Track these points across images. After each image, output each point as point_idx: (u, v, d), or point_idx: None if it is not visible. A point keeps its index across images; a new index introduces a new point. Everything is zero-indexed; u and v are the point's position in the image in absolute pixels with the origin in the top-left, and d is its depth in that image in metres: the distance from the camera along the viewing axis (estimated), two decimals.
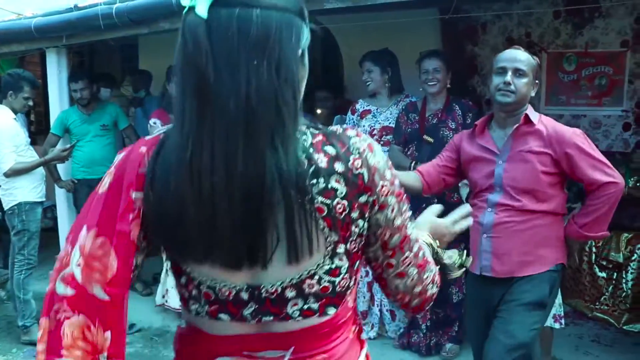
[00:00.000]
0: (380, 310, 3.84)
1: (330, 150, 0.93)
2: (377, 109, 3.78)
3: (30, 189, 4.06)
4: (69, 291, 0.92)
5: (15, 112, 4.13)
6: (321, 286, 0.97)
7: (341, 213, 0.93)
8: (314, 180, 0.91)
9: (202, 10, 0.87)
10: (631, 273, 3.91)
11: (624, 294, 4.03)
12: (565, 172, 2.35)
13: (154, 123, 4.15)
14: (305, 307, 0.97)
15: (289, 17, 0.91)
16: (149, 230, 0.95)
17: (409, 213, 1.05)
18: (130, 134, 4.93)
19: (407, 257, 1.05)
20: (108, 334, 0.92)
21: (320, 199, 0.91)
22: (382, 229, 1.00)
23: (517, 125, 2.38)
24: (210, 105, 0.87)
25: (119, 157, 0.98)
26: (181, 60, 0.90)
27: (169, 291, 4.24)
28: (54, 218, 5.37)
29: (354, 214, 0.95)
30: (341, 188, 0.92)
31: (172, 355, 1.10)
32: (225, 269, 0.93)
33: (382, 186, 0.97)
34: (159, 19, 4.00)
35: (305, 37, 0.96)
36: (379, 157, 0.98)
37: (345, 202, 0.93)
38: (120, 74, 6.79)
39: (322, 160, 0.92)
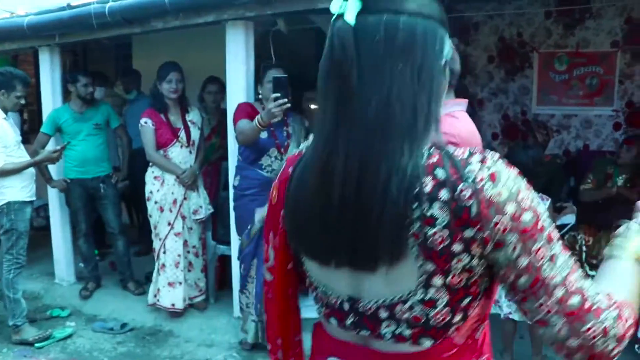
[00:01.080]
0: None
1: (440, 174, 0.87)
2: None
3: (19, 189, 4.05)
4: (272, 277, 1.16)
5: (6, 110, 4.11)
6: (412, 315, 0.93)
7: (439, 244, 0.87)
8: (415, 204, 0.87)
9: (351, 17, 0.89)
10: None
11: None
12: None
13: (145, 122, 4.14)
14: (397, 331, 0.95)
15: (433, 25, 0.92)
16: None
17: (552, 251, 0.90)
18: (122, 133, 4.92)
19: (543, 304, 0.90)
20: None
21: (418, 224, 0.87)
22: (504, 270, 0.91)
23: None
24: (350, 109, 0.89)
25: (282, 170, 1.10)
26: (326, 66, 0.93)
27: (160, 290, 4.24)
28: (47, 217, 5.36)
29: (456, 247, 0.88)
30: (442, 217, 0.87)
31: (164, 355, 1.15)
32: (332, 275, 0.98)
33: (498, 222, 0.87)
34: (152, 18, 4.00)
35: (448, 47, 0.95)
36: (502, 187, 0.87)
37: (445, 232, 0.87)
38: (114, 73, 6.77)
39: (427, 184, 0.87)
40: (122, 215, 5.15)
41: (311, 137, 1.01)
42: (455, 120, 1.95)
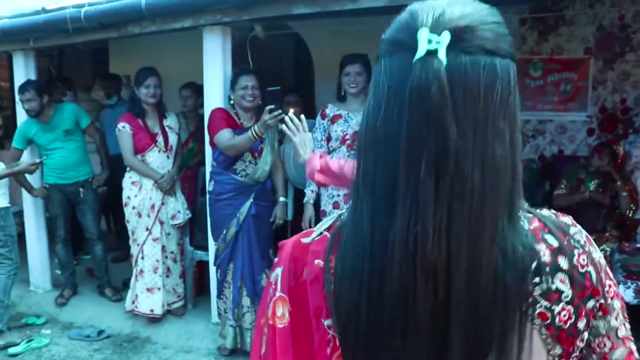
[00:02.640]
0: None
1: (552, 240, 0.75)
2: (347, 114, 3.81)
3: (1, 195, 4.04)
4: None
5: None
6: None
7: (566, 322, 0.75)
8: (537, 279, 0.73)
9: (443, 55, 0.68)
10: None
11: None
12: None
13: (123, 127, 4.12)
14: None
15: (514, 67, 0.75)
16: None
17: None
18: (93, 132, 4.84)
19: None
20: None
21: (543, 302, 0.73)
22: (600, 339, 0.79)
23: None
24: (449, 180, 0.68)
25: (280, 275, 0.80)
26: (410, 117, 0.68)
27: (138, 296, 4.21)
28: (22, 223, 5.28)
29: (581, 324, 0.76)
30: (567, 290, 0.74)
31: None
32: None
33: (610, 286, 0.79)
34: (128, 23, 3.98)
35: None
36: (598, 251, 0.80)
37: (571, 308, 0.75)
38: (91, 78, 6.72)
39: (544, 254, 0.74)
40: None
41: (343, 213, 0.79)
42: None
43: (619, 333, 0.80)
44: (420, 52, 0.67)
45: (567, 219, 0.80)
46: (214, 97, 3.89)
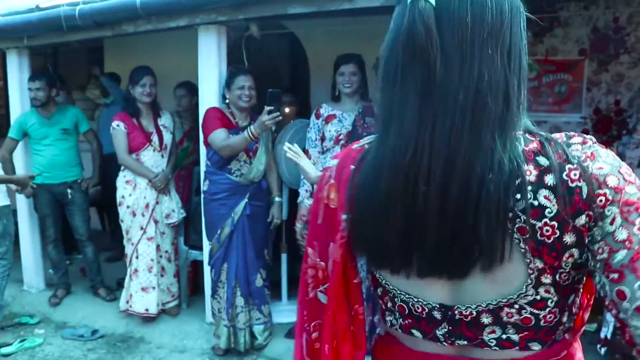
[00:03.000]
0: None
1: (543, 161, 0.81)
2: (342, 114, 3.81)
3: (1, 193, 4.04)
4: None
5: None
6: (522, 317, 0.86)
7: (549, 237, 0.80)
8: (518, 195, 0.80)
9: None
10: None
11: None
12: None
13: (117, 126, 4.11)
14: (504, 337, 0.88)
15: (517, 0, 0.85)
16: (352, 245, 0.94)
17: None
18: (91, 138, 4.84)
19: None
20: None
21: (523, 217, 0.80)
22: (598, 245, 0.82)
23: None
24: (434, 101, 0.79)
25: (335, 167, 0.97)
26: (404, 54, 0.81)
27: (133, 296, 4.20)
28: (15, 223, 5.25)
29: (567, 239, 0.81)
30: (551, 206, 0.80)
31: None
32: (419, 282, 0.87)
33: (600, 195, 0.81)
34: (123, 21, 3.97)
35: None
36: (603, 162, 0.82)
37: (555, 223, 0.80)
38: (86, 77, 6.69)
39: (531, 173, 0.81)
40: (94, 221, 5.09)
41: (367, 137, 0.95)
42: None
43: (618, 236, 0.80)
44: None
45: (578, 138, 0.85)
46: (209, 97, 3.88)
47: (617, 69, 5.05)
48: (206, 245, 3.95)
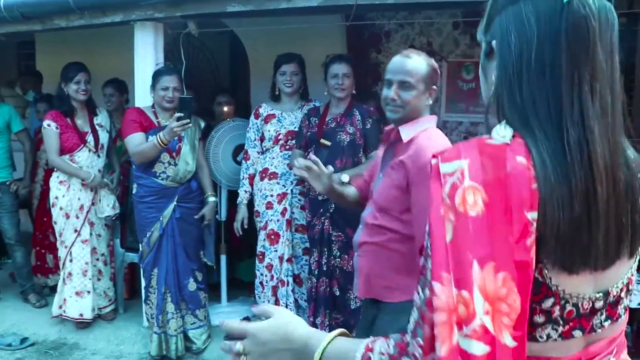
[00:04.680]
0: None
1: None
2: (281, 113, 3.78)
3: None
4: (486, 349, 0.74)
5: None
6: (628, 288, 0.95)
7: None
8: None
9: None
10: None
11: None
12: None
13: (48, 125, 3.94)
14: (624, 305, 0.95)
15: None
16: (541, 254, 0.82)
17: None
18: (24, 138, 4.64)
19: None
20: None
21: None
22: None
23: (392, 139, 2.23)
24: (597, 96, 0.83)
25: (467, 167, 0.81)
26: (571, 50, 0.83)
27: (67, 301, 4.05)
28: None
29: None
30: None
31: None
32: (587, 277, 0.86)
33: None
34: (54, 15, 3.82)
35: None
36: None
37: None
38: (16, 73, 6.43)
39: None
40: (28, 225, 4.89)
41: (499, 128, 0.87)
42: (442, 135, 2.19)
43: None
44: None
45: None
46: (144, 95, 3.78)
47: None
48: (141, 247, 3.86)
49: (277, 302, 3.83)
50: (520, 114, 0.85)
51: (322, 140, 3.51)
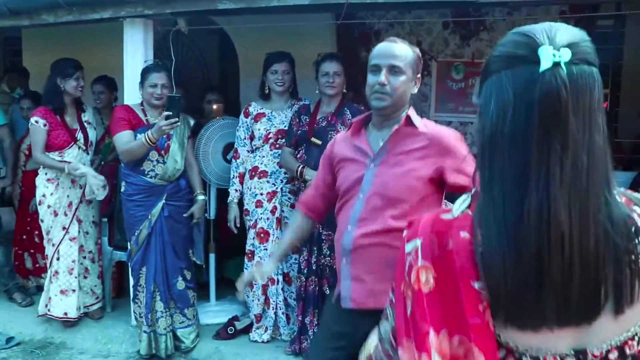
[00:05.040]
0: (275, 314, 3.83)
1: (639, 210, 0.94)
2: (271, 112, 3.78)
3: None
4: None
5: None
6: (623, 352, 0.93)
7: None
8: (637, 240, 0.90)
9: (563, 67, 0.87)
10: None
11: None
12: (443, 176, 2.03)
13: (36, 122, 3.89)
14: None
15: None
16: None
17: None
18: (5, 134, 4.59)
19: None
20: None
21: None
22: None
23: (397, 127, 2.07)
24: (566, 161, 0.86)
25: (419, 247, 0.93)
26: (541, 118, 0.86)
27: (52, 299, 4.01)
28: None
29: None
30: None
31: None
32: (550, 334, 0.90)
33: None
34: (42, 10, 3.79)
35: None
36: None
37: None
38: (2, 70, 6.36)
39: (637, 220, 0.92)
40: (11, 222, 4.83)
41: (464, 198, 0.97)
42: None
43: None
44: (547, 64, 0.85)
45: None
46: (134, 92, 3.75)
47: None
48: (129, 245, 3.83)
49: (266, 301, 3.83)
50: (488, 179, 0.91)
51: (313, 139, 3.50)
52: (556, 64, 0.86)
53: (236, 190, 3.80)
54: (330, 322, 2.20)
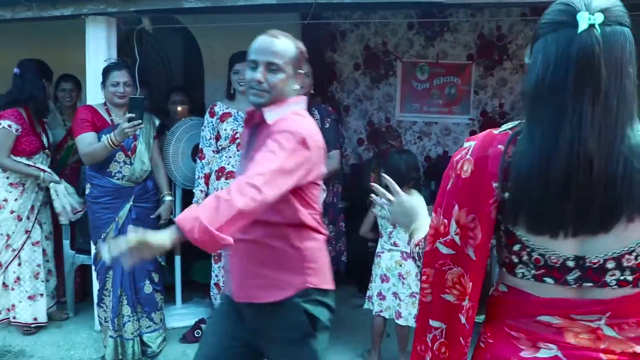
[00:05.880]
0: None
1: None
2: (237, 112, 3.74)
3: None
4: (451, 251, 1.25)
5: None
6: (637, 261, 1.14)
7: None
8: None
9: (598, 28, 1.09)
10: None
11: None
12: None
13: (9, 126, 3.75)
14: (622, 277, 1.15)
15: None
16: (501, 212, 1.19)
17: None
18: None
19: None
20: (470, 284, 1.24)
21: None
22: None
23: (258, 123, 2.03)
24: (600, 103, 1.08)
25: (473, 147, 1.23)
26: (577, 70, 1.08)
27: (16, 306, 3.91)
28: None
29: None
30: None
31: None
32: (559, 239, 1.14)
33: None
34: None
35: None
36: None
37: None
38: None
39: None
40: None
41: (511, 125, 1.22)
42: (301, 118, 1.98)
43: None
44: (583, 26, 1.08)
45: None
46: (96, 91, 3.67)
47: (501, 74, 5.36)
48: (94, 249, 3.74)
49: None
50: (529, 119, 1.15)
51: None
52: (591, 26, 1.08)
53: (201, 191, 3.75)
54: (223, 313, 2.20)
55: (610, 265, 1.15)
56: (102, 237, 3.52)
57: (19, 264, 3.91)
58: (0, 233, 3.91)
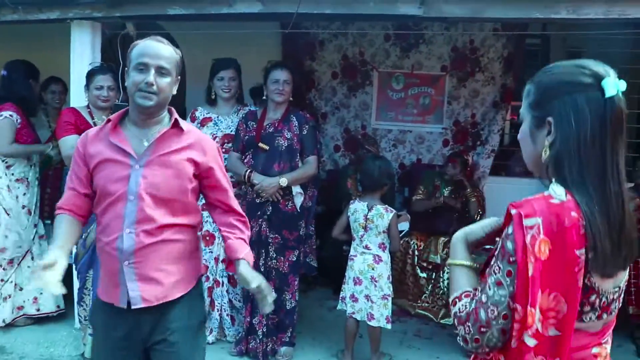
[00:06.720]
0: (220, 315, 3.89)
1: None
2: (217, 117, 3.85)
3: None
4: (535, 342, 1.22)
5: None
6: (621, 293, 1.34)
7: None
8: None
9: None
10: (447, 273, 4.33)
11: (441, 291, 4.49)
12: (203, 184, 2.15)
13: (10, 116, 3.88)
14: (619, 304, 1.34)
15: None
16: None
17: None
18: None
19: None
20: None
21: None
22: None
23: (164, 129, 2.07)
24: (622, 160, 1.26)
25: (541, 224, 1.20)
26: (612, 129, 1.24)
27: (38, 298, 4.11)
28: None
29: None
30: None
31: None
32: (615, 277, 1.29)
33: None
34: None
35: None
36: None
37: None
38: None
39: None
40: None
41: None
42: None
43: None
44: (613, 92, 1.22)
45: None
46: (80, 94, 3.74)
47: (474, 85, 5.55)
48: (74, 249, 3.80)
49: (212, 303, 3.88)
50: (578, 174, 1.25)
51: (261, 144, 3.60)
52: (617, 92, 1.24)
53: None
54: (109, 328, 2.13)
55: (623, 286, 1.35)
56: (83, 236, 3.58)
57: (32, 258, 4.03)
58: (17, 230, 3.98)
